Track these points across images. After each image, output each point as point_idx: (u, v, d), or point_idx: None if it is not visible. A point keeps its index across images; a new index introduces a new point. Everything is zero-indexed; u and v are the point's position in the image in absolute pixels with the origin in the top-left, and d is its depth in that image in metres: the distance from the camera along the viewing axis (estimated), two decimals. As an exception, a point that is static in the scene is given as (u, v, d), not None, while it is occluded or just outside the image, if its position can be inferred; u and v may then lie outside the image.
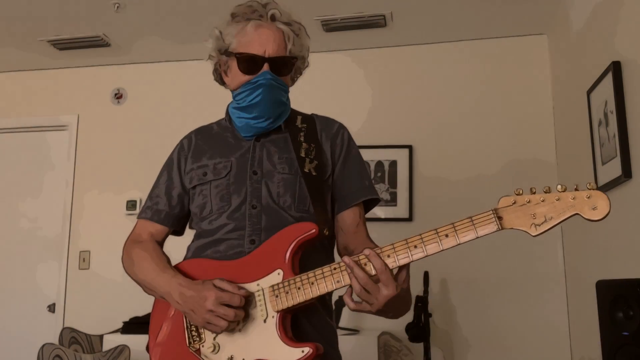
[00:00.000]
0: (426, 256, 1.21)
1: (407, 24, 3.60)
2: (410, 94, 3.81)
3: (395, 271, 1.22)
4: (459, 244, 1.19)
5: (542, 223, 1.15)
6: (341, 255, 1.50)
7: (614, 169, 2.53)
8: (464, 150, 3.67)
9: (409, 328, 2.93)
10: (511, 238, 3.38)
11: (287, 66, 1.48)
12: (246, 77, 1.45)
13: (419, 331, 2.89)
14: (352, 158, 1.54)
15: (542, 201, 1.16)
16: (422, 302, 2.93)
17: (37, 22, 3.57)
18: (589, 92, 2.84)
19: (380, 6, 3.39)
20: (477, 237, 1.18)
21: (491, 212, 1.18)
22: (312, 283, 1.27)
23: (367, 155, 3.79)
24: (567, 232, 3.35)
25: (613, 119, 2.53)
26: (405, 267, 1.23)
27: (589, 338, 2.85)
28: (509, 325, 3.44)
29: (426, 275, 3.00)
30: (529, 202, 1.17)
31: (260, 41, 1.44)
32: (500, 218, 1.17)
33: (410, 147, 3.72)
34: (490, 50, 3.76)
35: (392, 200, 3.68)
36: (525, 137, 3.62)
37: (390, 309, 1.23)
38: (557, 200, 1.15)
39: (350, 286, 1.23)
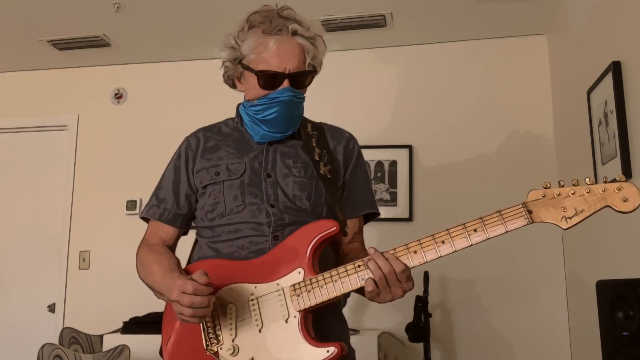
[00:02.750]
0: (454, 252, 1.18)
1: (407, 24, 3.60)
2: (410, 94, 3.81)
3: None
4: (489, 239, 1.16)
5: (572, 216, 1.13)
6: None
7: (614, 169, 2.53)
8: (464, 150, 3.67)
9: (409, 328, 2.93)
10: (511, 237, 3.39)
11: (306, 79, 1.48)
12: (265, 92, 1.44)
13: (419, 331, 2.89)
14: (361, 170, 1.56)
15: (572, 194, 1.13)
16: (422, 302, 2.93)
17: (37, 22, 3.56)
18: (589, 92, 2.84)
19: (380, 6, 3.39)
20: (507, 232, 1.16)
21: (521, 205, 1.16)
22: (336, 281, 1.24)
23: (367, 155, 3.75)
24: (567, 232, 3.35)
25: (613, 119, 2.52)
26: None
27: (589, 338, 2.85)
28: (509, 325, 3.44)
29: (426, 275, 2.99)
30: (558, 195, 1.14)
31: (281, 58, 1.42)
32: (529, 212, 1.15)
33: (410, 147, 3.72)
34: (490, 50, 3.76)
35: (392, 200, 3.67)
36: (525, 137, 3.61)
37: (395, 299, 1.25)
38: (587, 192, 1.12)
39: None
